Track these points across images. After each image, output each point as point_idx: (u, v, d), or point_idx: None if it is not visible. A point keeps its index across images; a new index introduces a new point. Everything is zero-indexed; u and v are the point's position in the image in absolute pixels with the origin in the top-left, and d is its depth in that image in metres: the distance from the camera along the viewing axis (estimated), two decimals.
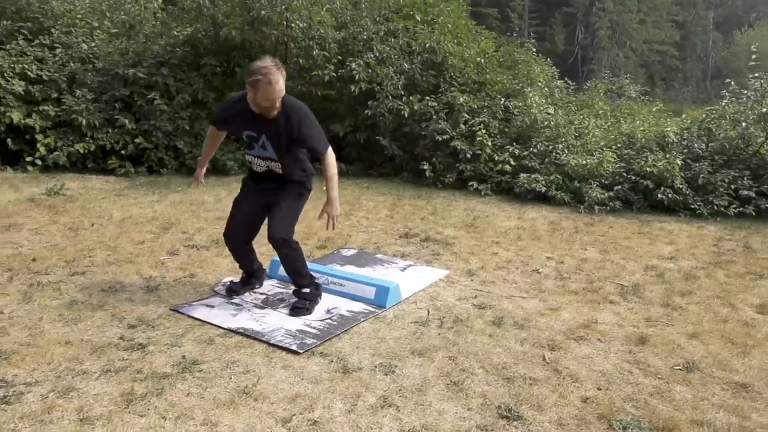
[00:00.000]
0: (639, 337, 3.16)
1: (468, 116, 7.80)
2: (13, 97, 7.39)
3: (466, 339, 3.05)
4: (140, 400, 2.31)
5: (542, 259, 4.58)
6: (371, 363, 2.73)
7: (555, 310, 3.53)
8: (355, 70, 7.83)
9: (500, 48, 9.35)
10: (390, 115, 8.00)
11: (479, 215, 6.04)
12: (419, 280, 3.93)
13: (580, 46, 35.19)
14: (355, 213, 5.92)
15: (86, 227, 4.92)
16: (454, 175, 7.68)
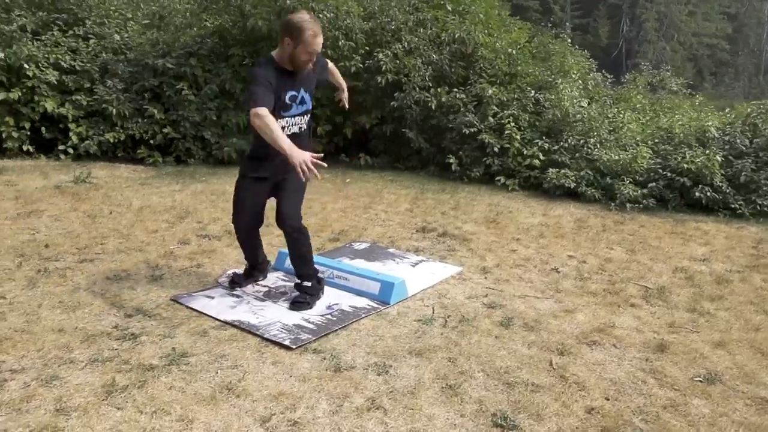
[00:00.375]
0: (658, 344, 2.95)
1: (497, 109, 7.56)
2: (47, 86, 7.54)
3: (469, 340, 2.90)
4: (120, 392, 2.25)
5: (563, 258, 4.36)
6: (365, 362, 2.61)
7: (570, 311, 3.33)
8: (382, 61, 7.69)
9: (534, 39, 9.04)
10: (417, 107, 7.83)
11: (503, 211, 5.83)
12: (430, 276, 3.79)
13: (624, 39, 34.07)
14: (374, 206, 5.80)
15: (104, 215, 4.95)
16: (481, 169, 7.46)
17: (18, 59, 7.27)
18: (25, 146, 7.56)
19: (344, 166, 8.13)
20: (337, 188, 6.61)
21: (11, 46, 7.27)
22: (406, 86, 7.74)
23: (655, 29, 35.09)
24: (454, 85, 7.98)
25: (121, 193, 5.84)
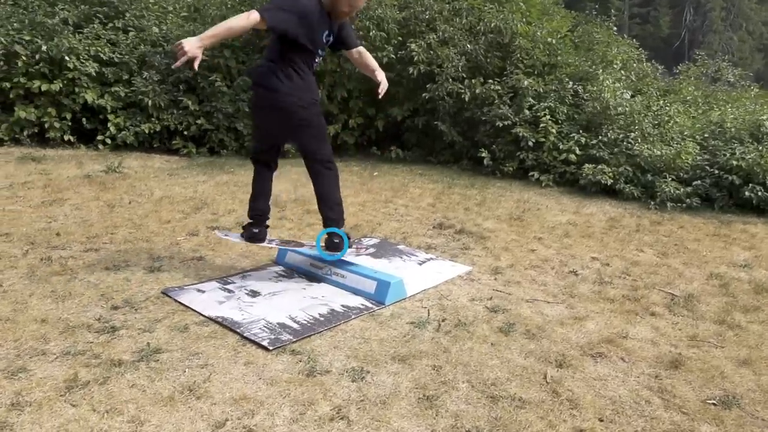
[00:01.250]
0: (673, 359, 2.66)
1: (533, 101, 7.22)
2: (87, 78, 7.73)
3: (461, 346, 2.71)
4: (81, 388, 2.19)
5: (585, 260, 4.07)
6: (342, 366, 2.47)
7: (580, 319, 3.08)
8: (414, 52, 7.48)
9: (577, 28, 8.60)
10: (450, 99, 7.59)
11: (530, 208, 5.54)
12: (436, 275, 3.60)
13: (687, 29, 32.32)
14: (396, 200, 5.63)
15: (123, 204, 4.99)
16: (515, 163, 7.16)
17: (59, 52, 7.46)
18: (66, 136, 7.77)
19: (375, 160, 7.99)
20: (362, 182, 6.47)
21: (53, 39, 7.47)
22: (439, 77, 7.51)
23: (721, 18, 33.08)
24: (489, 76, 7.68)
25: (146, 183, 5.90)
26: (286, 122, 3.14)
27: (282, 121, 3.14)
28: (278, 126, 3.19)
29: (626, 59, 8.35)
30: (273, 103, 3.08)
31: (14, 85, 7.48)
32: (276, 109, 3.09)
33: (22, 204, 4.86)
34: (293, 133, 3.25)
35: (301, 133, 3.21)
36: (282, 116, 3.10)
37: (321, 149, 3.28)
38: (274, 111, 3.11)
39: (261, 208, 3.37)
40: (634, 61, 8.64)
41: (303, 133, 3.22)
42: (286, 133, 3.28)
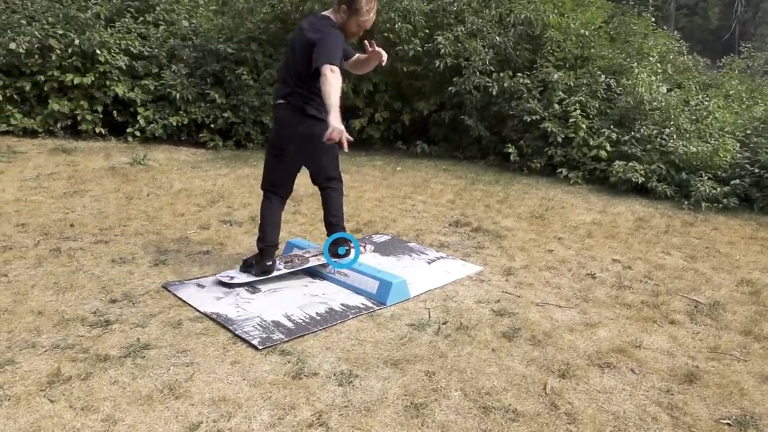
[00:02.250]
0: (688, 373, 2.47)
1: (563, 95, 6.97)
2: (118, 71, 7.85)
3: (460, 351, 2.58)
4: (62, 383, 2.16)
5: (606, 262, 3.87)
6: (331, 369, 2.38)
7: (592, 325, 2.91)
8: (441, 44, 7.31)
9: (613, 19, 8.25)
10: (477, 92, 7.40)
11: (554, 206, 5.34)
12: (444, 275, 3.47)
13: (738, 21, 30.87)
14: (415, 196, 5.50)
15: (141, 197, 5.02)
16: (543, 160, 6.93)
17: (91, 45, 7.59)
18: (98, 128, 7.92)
19: (400, 154, 7.88)
20: (383, 177, 6.37)
21: (85, 33, 7.61)
22: (466, 71, 7.32)
23: None
24: (518, 69, 7.45)
25: (167, 175, 5.94)
26: (313, 148, 3.08)
27: (309, 147, 3.08)
28: (305, 153, 3.13)
29: (665, 52, 7.96)
30: (308, 131, 3.01)
31: (48, 78, 7.66)
32: (309, 136, 3.02)
33: (44, 194, 4.94)
34: (316, 158, 3.17)
35: (323, 156, 3.17)
36: (312, 142, 3.02)
37: (336, 169, 3.27)
38: (307, 138, 3.03)
39: (273, 240, 3.22)
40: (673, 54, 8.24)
41: (324, 157, 3.17)
42: (308, 158, 3.19)
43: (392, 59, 7.69)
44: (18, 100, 7.80)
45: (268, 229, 3.17)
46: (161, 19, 8.53)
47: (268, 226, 3.18)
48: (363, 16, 3.00)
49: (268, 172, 3.20)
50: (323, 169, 3.21)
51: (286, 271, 3.29)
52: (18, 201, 4.68)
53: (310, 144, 3.07)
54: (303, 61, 2.93)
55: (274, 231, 3.20)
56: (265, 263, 3.21)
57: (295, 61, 3.00)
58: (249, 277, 3.17)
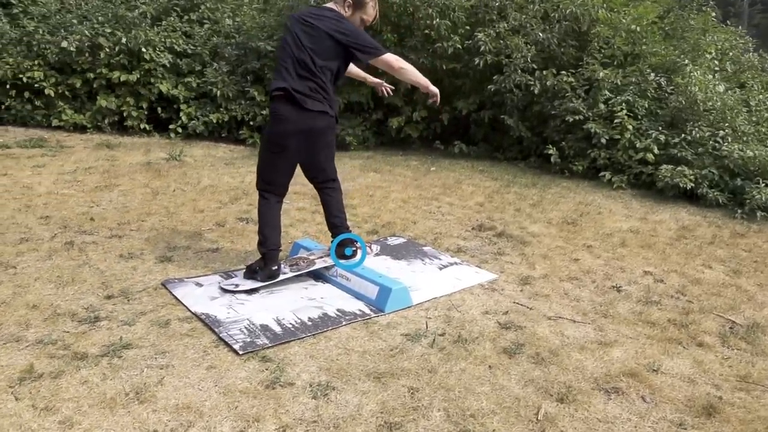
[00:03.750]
0: (709, 404, 2.20)
1: (609, 94, 6.58)
2: (163, 69, 8.02)
3: (452, 367, 2.39)
4: (32, 380, 2.13)
5: (636, 274, 3.57)
6: (309, 379, 2.25)
7: (606, 344, 2.65)
8: (481, 41, 7.06)
9: (669, 14, 7.73)
10: (518, 91, 7.10)
11: (590, 211, 5.02)
12: (454, 282, 3.28)
13: None
14: (443, 198, 5.31)
15: (167, 192, 5.06)
16: (585, 162, 6.57)
17: (137, 44, 7.79)
18: (143, 125, 8.12)
19: (437, 154, 7.68)
20: (414, 177, 6.20)
21: (131, 32, 7.81)
22: (507, 68, 7.04)
23: None
24: (563, 67, 7.10)
25: (198, 171, 5.98)
26: (314, 144, 2.99)
27: (311, 143, 2.99)
28: (306, 150, 3.02)
29: (726, 49, 7.40)
30: (311, 125, 2.93)
31: (97, 75, 7.91)
32: (312, 131, 2.94)
33: (76, 188, 5.06)
34: (318, 155, 3.07)
35: (325, 153, 3.09)
36: (314, 137, 2.96)
37: (334, 169, 3.22)
38: (309, 133, 2.95)
39: (275, 242, 3.11)
40: (735, 51, 7.65)
41: (325, 153, 3.10)
42: (309, 155, 3.07)
43: (432, 57, 7.51)
44: (69, 97, 8.10)
45: (268, 232, 3.06)
46: (206, 17, 8.65)
47: (268, 229, 3.07)
48: (367, 12, 3.01)
49: (264, 170, 3.09)
50: (322, 165, 3.09)
51: (292, 274, 3.18)
52: (49, 194, 4.80)
53: (312, 139, 2.96)
54: (316, 53, 2.85)
55: (275, 233, 3.10)
56: (270, 268, 3.09)
57: (301, 51, 2.88)
58: (254, 283, 3.07)
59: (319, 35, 2.88)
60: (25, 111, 8.02)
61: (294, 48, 2.91)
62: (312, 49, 2.87)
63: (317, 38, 2.88)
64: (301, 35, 2.90)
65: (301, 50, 2.88)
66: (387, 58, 2.91)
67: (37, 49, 7.85)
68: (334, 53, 2.92)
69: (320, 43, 2.88)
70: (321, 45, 2.88)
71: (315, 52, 2.87)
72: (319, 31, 2.88)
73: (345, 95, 7.97)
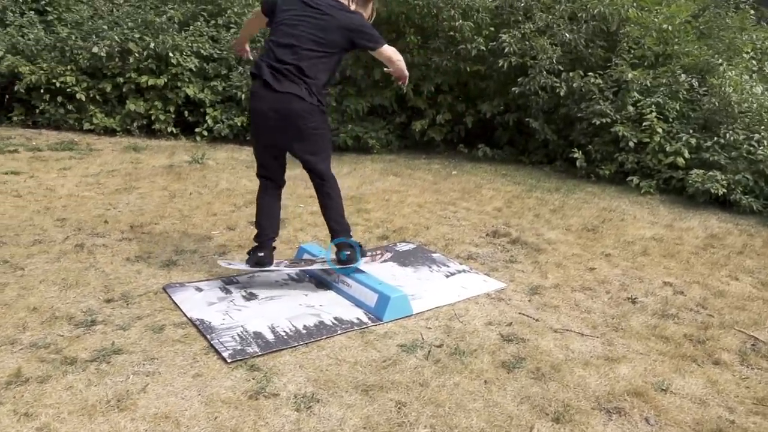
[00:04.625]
0: (718, 429, 2.05)
1: (639, 96, 6.35)
2: (190, 73, 8.14)
3: (445, 381, 2.30)
4: (19, 385, 2.13)
5: (654, 285, 3.40)
6: (295, 390, 2.18)
7: (613, 360, 2.51)
8: (505, 42, 6.91)
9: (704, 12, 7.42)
10: (544, 93, 6.93)
11: (613, 218, 4.83)
12: (459, 291, 3.18)
13: None
14: (460, 203, 5.19)
15: (184, 195, 5.10)
16: (613, 166, 6.36)
17: (165, 48, 7.92)
18: (170, 128, 8.24)
19: (460, 158, 7.56)
20: (434, 181, 6.10)
21: (159, 37, 7.95)
22: (532, 70, 6.87)
23: None
24: (591, 68, 6.89)
25: (218, 174, 6.02)
26: (290, 128, 2.87)
27: (287, 126, 2.87)
28: (283, 134, 2.92)
29: (765, 48, 7.06)
30: (307, 120, 2.85)
31: (127, 80, 8.07)
32: (291, 114, 2.82)
33: (96, 191, 5.14)
34: (294, 141, 2.94)
35: (308, 143, 2.94)
36: (290, 122, 2.85)
37: (324, 164, 3.04)
38: (286, 116, 2.83)
39: (266, 231, 3.09)
40: None
41: (309, 144, 2.94)
42: (287, 140, 2.97)
43: (455, 59, 7.40)
44: (100, 101, 8.29)
45: (264, 222, 3.10)
46: (232, 22, 8.73)
47: (264, 218, 3.10)
48: (368, 10, 3.02)
49: (255, 151, 3.10)
50: (305, 156, 2.97)
51: (287, 270, 3.15)
52: (70, 196, 4.89)
53: (287, 123, 2.84)
54: (319, 42, 2.79)
55: (268, 221, 3.10)
56: (257, 254, 3.08)
57: (303, 35, 2.78)
58: (244, 265, 3.09)
59: (328, 25, 2.80)
60: (58, 115, 8.23)
61: (295, 29, 2.79)
62: (316, 37, 2.79)
63: (327, 29, 2.80)
64: (306, 19, 2.80)
65: (303, 34, 2.79)
66: (388, 51, 2.97)
67: (70, 54, 8.06)
68: (339, 46, 2.86)
69: (329, 33, 2.81)
70: (329, 36, 2.81)
71: (319, 40, 2.79)
72: (330, 22, 2.81)
73: (368, 98, 7.94)
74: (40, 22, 8.52)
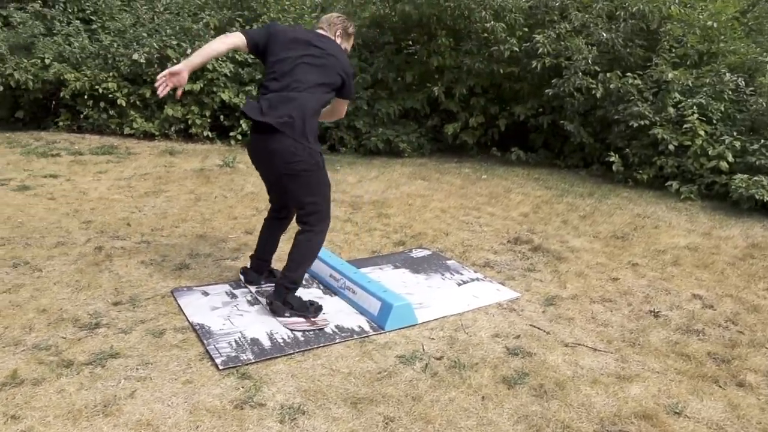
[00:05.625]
0: None
1: (680, 97, 6.06)
2: (225, 78, 8.27)
3: (440, 395, 2.20)
4: (13, 386, 2.16)
5: (682, 297, 3.19)
6: (283, 401, 2.13)
7: (625, 378, 2.35)
8: (539, 43, 6.72)
9: (753, 8, 7.02)
10: (579, 95, 6.70)
11: (646, 225, 4.60)
12: (470, 300, 3.07)
13: None
14: (485, 208, 5.06)
15: (209, 198, 5.15)
16: (652, 171, 6.09)
17: None
18: (206, 132, 8.40)
19: (493, 162, 7.39)
20: (462, 185, 5.98)
21: (195, 43, 8.11)
22: (567, 71, 6.66)
23: None
24: (630, 68, 6.63)
25: (246, 178, 6.07)
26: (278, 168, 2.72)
27: (301, 180, 2.72)
28: (272, 174, 2.86)
29: None
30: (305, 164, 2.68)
31: None
32: (300, 171, 2.68)
33: (126, 194, 5.26)
34: (284, 184, 2.79)
35: (297, 186, 2.74)
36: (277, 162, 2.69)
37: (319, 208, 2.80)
38: (299, 172, 2.69)
39: (256, 249, 3.17)
40: None
41: (297, 187, 2.74)
42: (275, 181, 2.88)
43: (488, 61, 7.25)
44: (140, 106, 8.52)
45: (260, 242, 3.17)
46: None
47: (261, 240, 3.16)
48: (350, 44, 2.97)
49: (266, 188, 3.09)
50: (297, 198, 2.80)
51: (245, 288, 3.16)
52: (100, 199, 5.02)
53: (274, 163, 2.71)
54: (322, 83, 2.68)
55: (259, 242, 3.16)
56: (245, 268, 3.24)
57: (304, 76, 2.63)
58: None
59: (332, 68, 2.70)
60: (101, 120, 8.50)
61: (296, 68, 2.64)
62: (320, 80, 2.66)
63: (330, 72, 2.70)
64: (308, 60, 2.66)
65: (305, 75, 2.64)
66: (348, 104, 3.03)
67: (112, 61, 8.32)
68: (335, 89, 2.77)
69: (331, 76, 2.71)
70: (331, 78, 2.71)
71: (322, 83, 2.68)
72: (334, 64, 2.71)
73: (400, 101, 7.88)
74: (85, 30, 8.83)
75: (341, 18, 2.92)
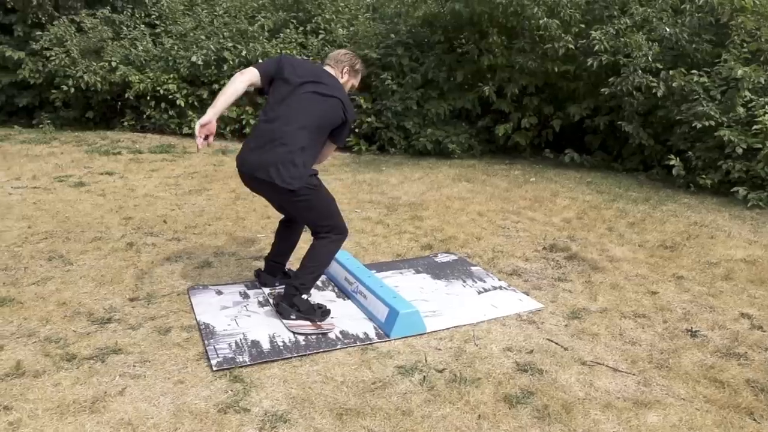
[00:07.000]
0: None
1: (751, 96, 5.58)
2: None
3: (433, 411, 2.07)
4: (14, 378, 2.21)
5: (728, 316, 2.89)
6: (268, 408, 2.07)
7: (644, 404, 2.14)
8: (596, 39, 6.38)
9: None
10: (639, 94, 6.31)
11: (701, 234, 4.24)
12: (488, 310, 2.91)
13: None
14: (526, 212, 4.83)
15: (248, 198, 5.20)
16: (716, 175, 5.64)
17: (255, 55, 8.24)
18: None
19: (545, 164, 7.10)
20: (507, 188, 5.76)
21: (249, 44, 8.29)
22: (626, 69, 6.29)
23: None
24: (695, 65, 6.19)
25: None
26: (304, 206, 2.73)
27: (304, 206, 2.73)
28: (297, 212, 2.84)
29: None
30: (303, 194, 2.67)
31: (221, 86, 8.47)
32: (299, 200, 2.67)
33: (171, 191, 5.41)
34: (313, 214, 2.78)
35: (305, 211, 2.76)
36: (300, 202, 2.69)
37: (329, 221, 2.78)
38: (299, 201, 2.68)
39: (271, 256, 3.14)
40: None
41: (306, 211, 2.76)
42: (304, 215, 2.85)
43: (541, 59, 6.97)
44: (198, 107, 8.79)
45: (275, 244, 3.14)
46: (321, 28, 8.90)
47: (276, 242, 3.13)
48: (357, 80, 2.93)
49: None
50: (307, 219, 2.84)
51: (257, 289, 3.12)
52: (146, 196, 5.18)
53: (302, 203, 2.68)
54: (323, 121, 2.64)
55: (275, 248, 3.13)
56: (259, 270, 3.22)
57: (306, 112, 2.61)
58: None
59: (334, 110, 2.65)
60: (162, 120, 8.84)
61: (307, 111, 2.61)
62: (316, 116, 2.62)
63: (332, 112, 2.65)
64: (311, 98, 2.62)
65: (307, 112, 2.61)
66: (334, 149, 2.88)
67: (173, 63, 8.63)
68: (330, 129, 2.70)
69: (332, 118, 2.66)
70: (331, 119, 2.66)
71: (322, 122, 2.64)
72: (335, 107, 2.65)
73: (450, 101, 7.71)
74: (150, 35, 9.22)
75: (349, 55, 2.87)
